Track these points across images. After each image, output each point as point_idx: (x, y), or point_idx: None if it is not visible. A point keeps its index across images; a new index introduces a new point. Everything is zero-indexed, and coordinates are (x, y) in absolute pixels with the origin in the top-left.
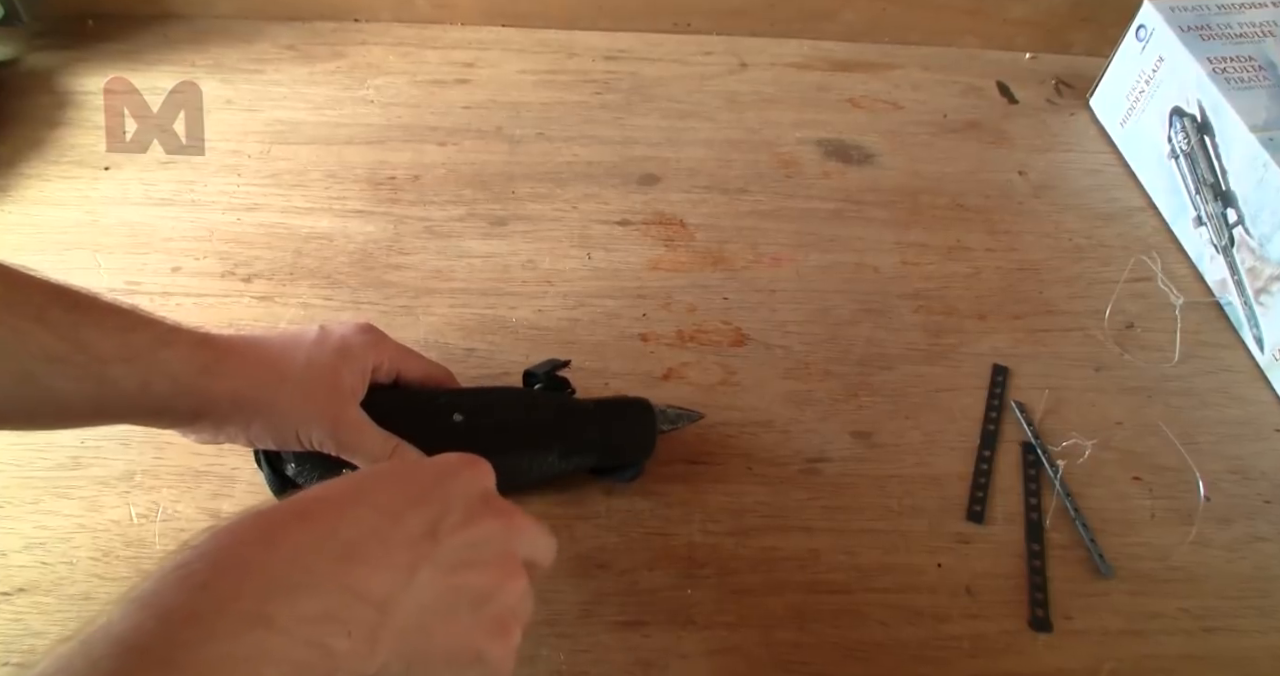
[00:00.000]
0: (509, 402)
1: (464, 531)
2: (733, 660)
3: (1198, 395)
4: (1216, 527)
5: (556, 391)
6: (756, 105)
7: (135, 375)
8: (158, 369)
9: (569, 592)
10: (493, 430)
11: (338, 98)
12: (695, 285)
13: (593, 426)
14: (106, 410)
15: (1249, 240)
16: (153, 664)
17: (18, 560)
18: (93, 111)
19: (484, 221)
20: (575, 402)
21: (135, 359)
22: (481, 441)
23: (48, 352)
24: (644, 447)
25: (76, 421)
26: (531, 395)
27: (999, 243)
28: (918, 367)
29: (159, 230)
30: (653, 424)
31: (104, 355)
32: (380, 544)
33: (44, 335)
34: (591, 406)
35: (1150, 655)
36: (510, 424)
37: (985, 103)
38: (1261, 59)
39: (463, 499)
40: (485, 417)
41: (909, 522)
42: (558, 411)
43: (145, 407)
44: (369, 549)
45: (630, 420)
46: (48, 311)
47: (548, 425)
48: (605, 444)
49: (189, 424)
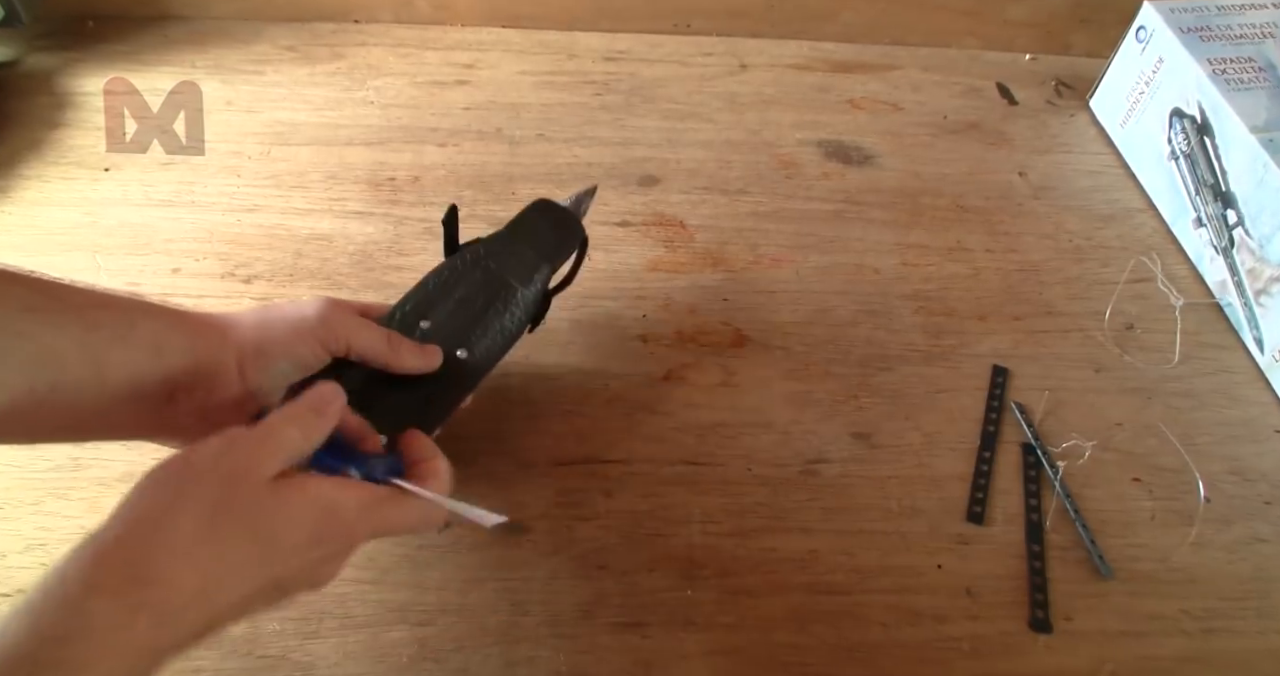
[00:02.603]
0: (450, 278)
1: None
2: (733, 661)
3: (1198, 396)
4: (1216, 529)
5: (474, 243)
6: (756, 106)
7: (119, 318)
8: (138, 310)
9: (569, 593)
10: (457, 310)
11: (338, 99)
12: (695, 286)
13: (524, 245)
14: (103, 362)
15: (1249, 241)
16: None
17: (18, 561)
18: (92, 112)
19: (484, 222)
20: (494, 239)
21: (113, 304)
22: (456, 329)
23: (29, 304)
24: (574, 232)
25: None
26: (460, 259)
27: (999, 244)
28: (918, 369)
29: (159, 231)
30: (564, 209)
31: (81, 302)
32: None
33: (19, 290)
34: (508, 232)
35: (1150, 656)
36: (467, 296)
37: (985, 104)
38: (1261, 60)
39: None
40: (444, 306)
41: (909, 524)
42: (490, 256)
43: (139, 351)
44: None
45: (545, 219)
46: (18, 277)
47: (494, 271)
48: (545, 250)
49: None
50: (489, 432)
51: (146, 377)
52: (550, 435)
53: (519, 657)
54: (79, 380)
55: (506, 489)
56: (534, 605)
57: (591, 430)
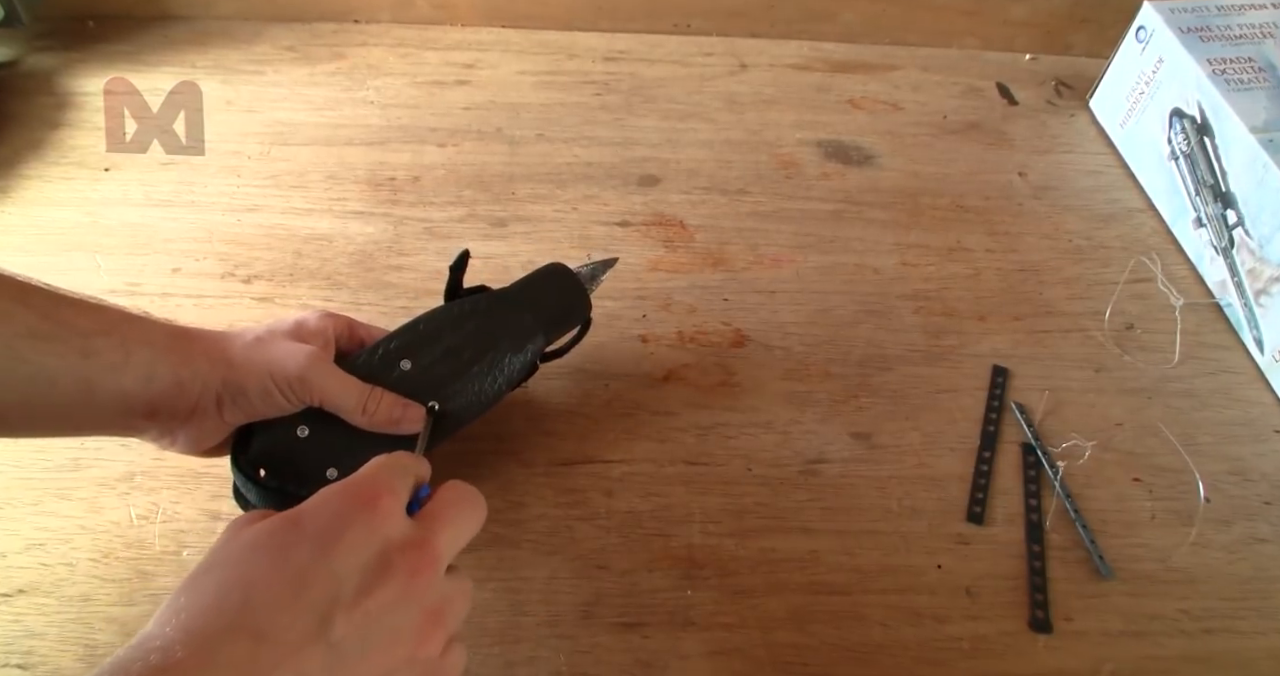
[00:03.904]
0: (443, 325)
1: (360, 609)
2: (733, 661)
3: (1198, 396)
4: (1216, 529)
5: (477, 293)
6: (756, 106)
7: (116, 346)
8: (135, 337)
9: (569, 594)
10: (441, 360)
11: (338, 99)
12: (695, 286)
13: (525, 311)
14: (95, 389)
15: (1249, 242)
16: None
17: (17, 561)
18: (93, 112)
19: (484, 222)
20: (498, 296)
21: (113, 330)
22: (435, 377)
23: (33, 330)
24: (580, 309)
25: (72, 415)
26: (459, 307)
27: (999, 244)
28: (917, 369)
29: (159, 231)
30: (577, 282)
31: (84, 329)
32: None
33: (27, 314)
34: (515, 291)
35: (1150, 656)
36: (455, 346)
37: (985, 104)
38: (1261, 60)
39: (354, 568)
40: (429, 351)
41: (909, 524)
42: (488, 312)
43: (131, 380)
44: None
45: (554, 287)
46: (28, 294)
47: (487, 329)
48: (545, 320)
49: (173, 399)
50: (489, 433)
51: (133, 401)
52: (550, 435)
53: (519, 657)
54: (69, 398)
55: (506, 489)
56: (534, 605)
57: (591, 430)
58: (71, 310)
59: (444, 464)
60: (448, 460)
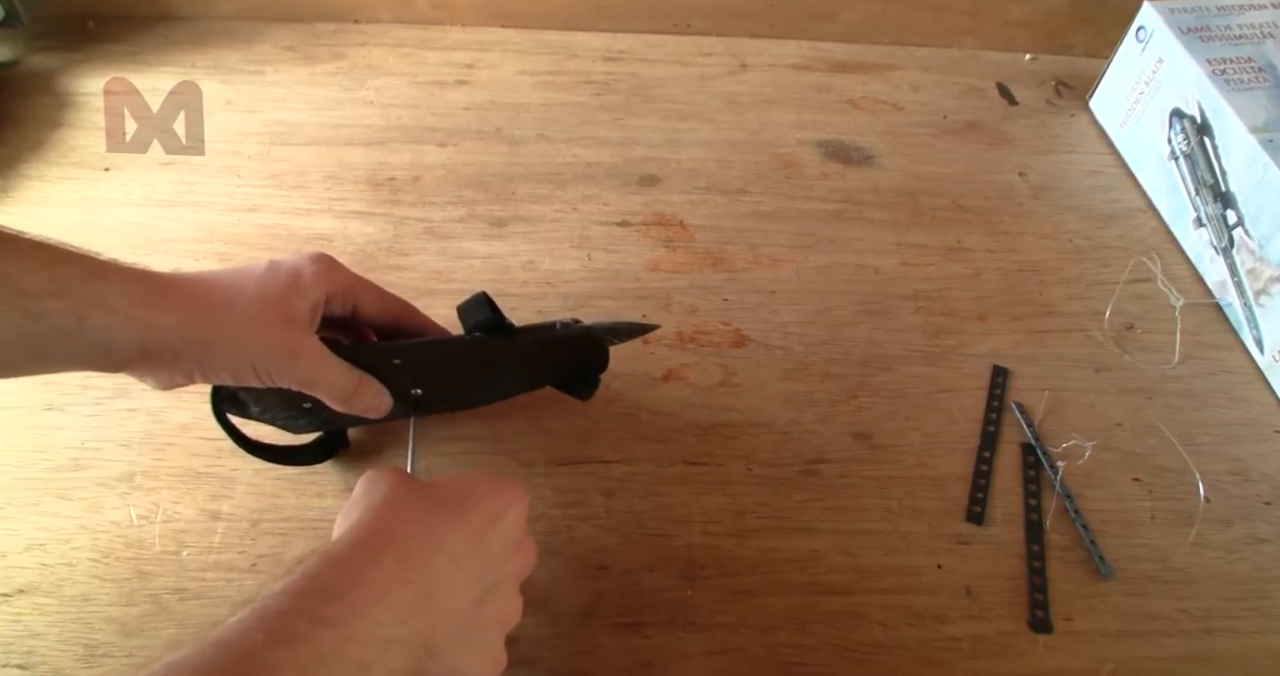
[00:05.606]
0: (462, 363)
1: (501, 573)
2: (733, 661)
3: (1198, 396)
4: (1216, 529)
5: (499, 332)
6: (756, 106)
7: (68, 310)
8: (92, 301)
9: (569, 594)
10: (450, 393)
11: (338, 99)
12: (695, 286)
13: (541, 368)
14: (46, 352)
15: (1249, 242)
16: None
17: (18, 561)
18: (93, 112)
19: (484, 222)
20: (521, 349)
21: (66, 292)
22: (442, 406)
23: None
24: (591, 383)
25: (19, 367)
26: (480, 346)
27: (999, 244)
28: (918, 369)
29: (159, 231)
30: (602, 358)
31: (30, 289)
32: (450, 598)
33: None
34: (536, 349)
35: (1150, 656)
36: (466, 387)
37: (985, 104)
38: (1261, 60)
39: (505, 543)
40: (441, 383)
41: (909, 524)
42: (510, 362)
43: (87, 347)
44: (442, 604)
45: (581, 356)
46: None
47: (504, 379)
48: (555, 378)
49: (141, 364)
50: (489, 433)
51: (90, 363)
52: (550, 435)
53: (519, 657)
54: (15, 357)
55: None
56: (534, 605)
57: (591, 430)
58: (17, 265)
59: (444, 463)
60: (448, 460)
